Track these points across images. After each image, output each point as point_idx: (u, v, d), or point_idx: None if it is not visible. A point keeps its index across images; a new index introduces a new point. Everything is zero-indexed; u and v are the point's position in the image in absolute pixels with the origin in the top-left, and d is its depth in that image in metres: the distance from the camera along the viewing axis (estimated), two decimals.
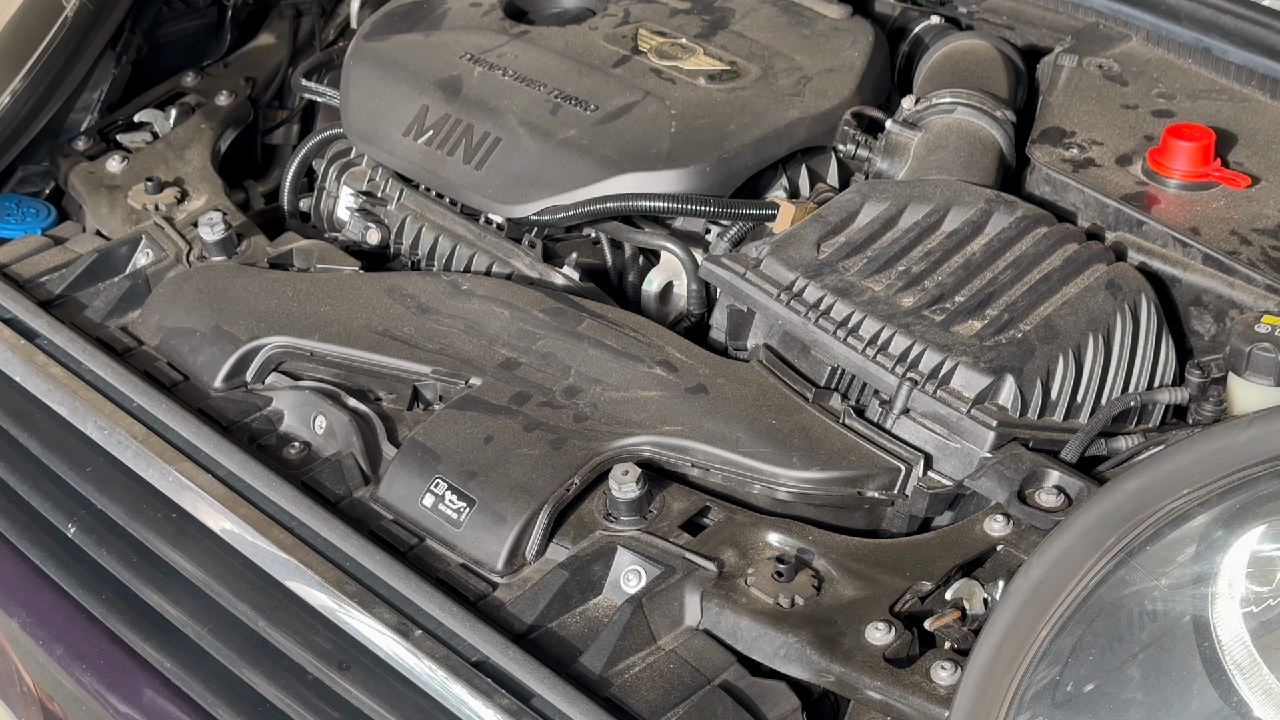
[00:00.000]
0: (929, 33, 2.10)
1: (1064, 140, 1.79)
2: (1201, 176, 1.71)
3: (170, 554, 1.57)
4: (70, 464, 1.66)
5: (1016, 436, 1.50)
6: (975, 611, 1.38)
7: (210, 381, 1.69)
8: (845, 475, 1.50)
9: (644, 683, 1.37)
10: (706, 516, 1.50)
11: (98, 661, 1.61)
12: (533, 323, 1.68)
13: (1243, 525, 1.21)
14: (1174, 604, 1.24)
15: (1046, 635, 1.17)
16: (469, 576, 1.47)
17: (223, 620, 1.52)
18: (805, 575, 1.42)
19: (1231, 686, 1.23)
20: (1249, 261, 1.61)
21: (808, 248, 1.66)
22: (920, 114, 1.87)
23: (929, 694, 1.29)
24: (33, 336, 1.75)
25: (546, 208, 1.83)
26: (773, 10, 2.09)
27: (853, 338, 1.57)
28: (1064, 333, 1.55)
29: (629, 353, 1.63)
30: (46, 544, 1.67)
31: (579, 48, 2.00)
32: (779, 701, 1.36)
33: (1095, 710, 1.23)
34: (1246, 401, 1.50)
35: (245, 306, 1.72)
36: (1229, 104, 1.85)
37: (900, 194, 1.72)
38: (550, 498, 1.48)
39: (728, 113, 1.88)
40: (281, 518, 1.53)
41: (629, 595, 1.42)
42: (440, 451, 1.54)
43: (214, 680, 1.52)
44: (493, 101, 1.92)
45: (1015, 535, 1.43)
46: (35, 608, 1.68)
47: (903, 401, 1.53)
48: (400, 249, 1.93)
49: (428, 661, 1.39)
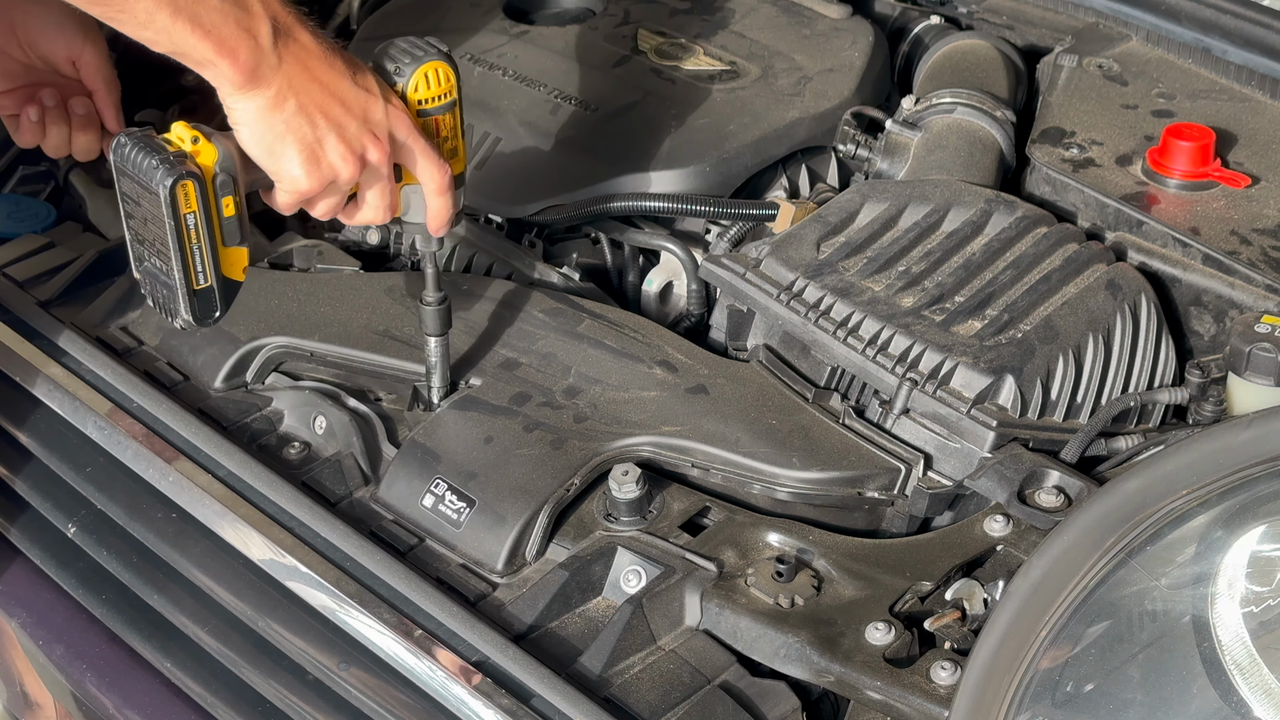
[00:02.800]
0: (929, 33, 2.10)
1: (1064, 140, 1.79)
2: (1201, 176, 1.71)
3: (170, 554, 1.57)
4: (70, 464, 1.66)
5: (1016, 436, 1.50)
6: (975, 611, 1.38)
7: (210, 381, 1.69)
8: (845, 475, 1.50)
9: (644, 683, 1.37)
10: (706, 517, 1.50)
11: (98, 661, 1.61)
12: (533, 323, 1.68)
13: (1242, 525, 1.21)
14: (1174, 604, 1.24)
15: (1046, 635, 1.17)
16: (469, 577, 1.47)
17: (223, 620, 1.52)
18: (805, 575, 1.42)
19: (1231, 686, 1.23)
20: (1249, 261, 1.61)
21: (808, 248, 1.66)
22: (920, 114, 1.87)
23: (929, 694, 1.29)
24: (33, 336, 1.75)
25: (546, 208, 1.83)
26: (773, 10, 2.09)
27: (853, 338, 1.57)
28: (1064, 333, 1.55)
29: (629, 353, 1.63)
30: (46, 544, 1.67)
31: (579, 48, 2.00)
32: (779, 701, 1.36)
33: (1095, 710, 1.23)
34: (1246, 401, 1.50)
35: (245, 306, 1.72)
36: (1229, 104, 1.85)
37: (900, 194, 1.72)
38: (550, 498, 1.48)
39: (728, 113, 1.88)
40: (281, 518, 1.53)
41: (629, 595, 1.42)
42: (440, 452, 1.54)
43: (214, 680, 1.52)
44: (493, 101, 1.92)
45: (1015, 535, 1.43)
46: (35, 608, 1.68)
47: (903, 401, 1.53)
48: (400, 249, 1.93)
49: (428, 661, 1.39)
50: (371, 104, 1.41)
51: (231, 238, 1.43)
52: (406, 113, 1.45)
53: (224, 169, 1.40)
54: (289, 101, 1.37)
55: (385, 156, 1.43)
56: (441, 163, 1.48)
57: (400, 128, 1.44)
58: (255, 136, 1.39)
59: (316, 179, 1.41)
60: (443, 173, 1.48)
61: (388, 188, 1.47)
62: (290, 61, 1.36)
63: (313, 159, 1.40)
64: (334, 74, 1.39)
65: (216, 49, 1.31)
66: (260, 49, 1.33)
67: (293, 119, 1.37)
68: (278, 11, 1.35)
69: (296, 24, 1.37)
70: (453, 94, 1.49)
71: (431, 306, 1.57)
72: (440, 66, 1.48)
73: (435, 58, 1.48)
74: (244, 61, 1.33)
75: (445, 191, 1.49)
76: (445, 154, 1.50)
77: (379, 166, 1.44)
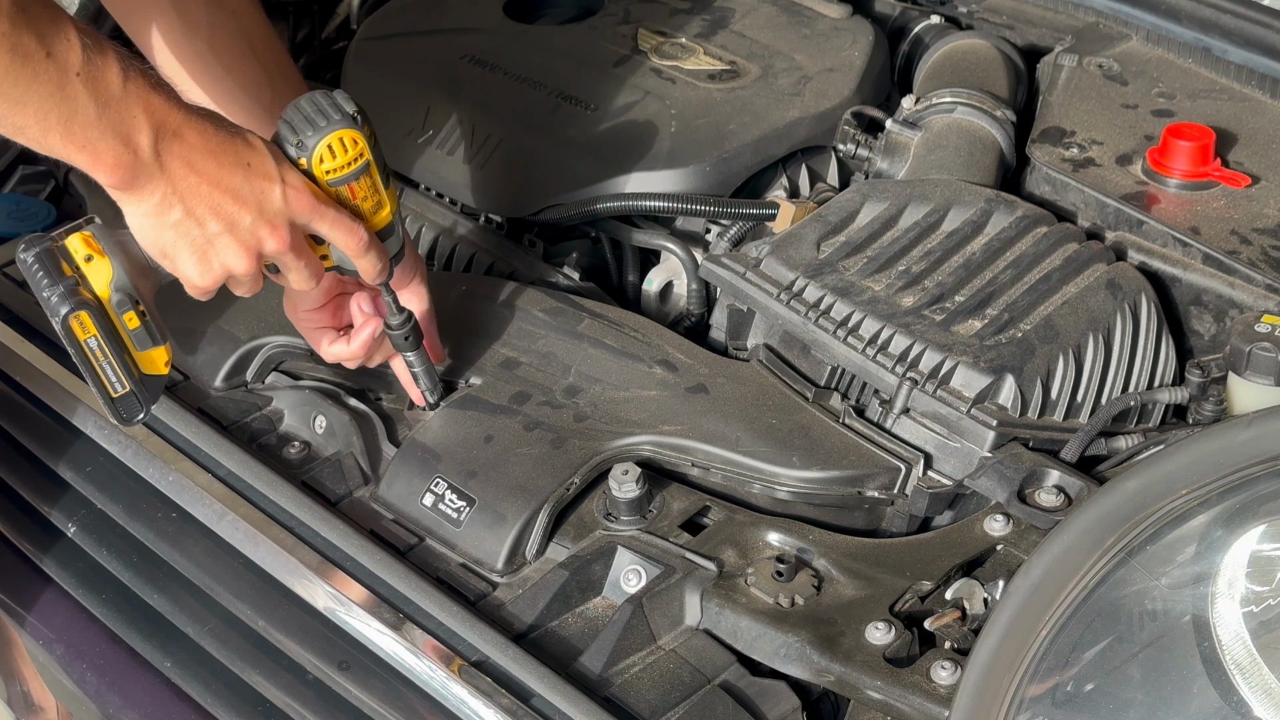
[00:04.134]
0: (929, 32, 2.10)
1: (1064, 140, 1.79)
2: (1201, 176, 1.71)
3: (170, 554, 1.57)
4: (70, 464, 1.66)
5: (1016, 436, 1.50)
6: (975, 611, 1.38)
7: (210, 381, 1.69)
8: (845, 475, 1.50)
9: (644, 682, 1.37)
10: (706, 516, 1.50)
11: (98, 661, 1.61)
12: (533, 322, 1.68)
13: (1242, 525, 1.21)
14: (1174, 604, 1.24)
15: (1046, 635, 1.17)
16: (469, 576, 1.47)
17: (223, 620, 1.53)
18: (805, 575, 1.42)
19: (1231, 686, 1.23)
20: (1249, 261, 1.61)
21: (808, 247, 1.66)
22: (920, 113, 1.87)
23: (929, 694, 1.29)
24: (32, 336, 1.75)
25: (546, 208, 1.83)
26: (773, 10, 2.09)
27: (853, 337, 1.57)
28: (1064, 332, 1.55)
29: (629, 352, 1.63)
30: (46, 544, 1.67)
31: (579, 48, 2.00)
32: (779, 701, 1.36)
33: (1095, 710, 1.23)
34: (1246, 401, 1.50)
35: (245, 306, 1.72)
36: (1229, 104, 1.85)
37: (900, 193, 1.72)
38: (550, 497, 1.48)
39: (728, 112, 1.88)
40: (281, 518, 1.53)
41: (629, 595, 1.42)
42: (440, 451, 1.54)
43: (214, 680, 1.52)
44: (493, 101, 1.92)
45: (1015, 535, 1.43)
46: (35, 608, 1.68)
47: (903, 401, 1.53)
48: None
49: (428, 661, 1.39)
50: (266, 194, 1.36)
51: (143, 343, 1.39)
52: (307, 190, 1.38)
53: (119, 288, 1.36)
54: (175, 207, 1.32)
55: (284, 244, 1.38)
56: (354, 226, 1.41)
57: (300, 209, 1.38)
58: (146, 240, 1.36)
59: (211, 278, 1.38)
60: (357, 238, 1.42)
61: (302, 261, 1.41)
62: (175, 164, 1.31)
63: (204, 260, 1.36)
64: (224, 170, 1.33)
65: (92, 161, 1.27)
66: (139, 159, 1.29)
67: (181, 222, 1.34)
68: (165, 115, 1.30)
69: (186, 123, 1.32)
70: (364, 156, 1.41)
71: (395, 330, 1.53)
72: (346, 135, 1.39)
73: (340, 126, 1.39)
74: (123, 171, 1.29)
75: (364, 252, 1.43)
76: (367, 213, 1.44)
77: (279, 255, 1.39)
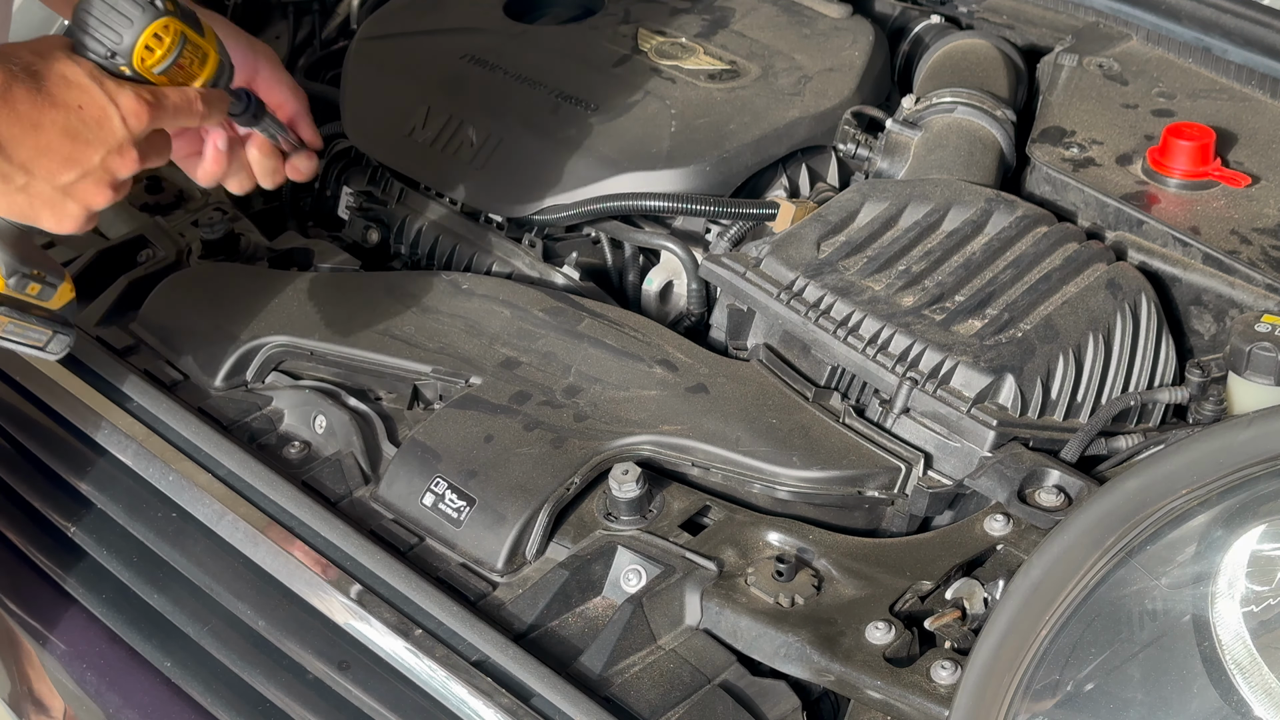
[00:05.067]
0: (929, 32, 2.10)
1: (1064, 140, 1.79)
2: (1201, 176, 1.71)
3: (170, 554, 1.57)
4: (70, 464, 1.66)
5: (1016, 436, 1.50)
6: (975, 611, 1.38)
7: (210, 381, 1.69)
8: (845, 475, 1.50)
9: (644, 682, 1.37)
10: (706, 516, 1.50)
11: (98, 661, 1.61)
12: (533, 322, 1.68)
13: (1243, 525, 1.21)
14: (1174, 603, 1.24)
15: (1046, 635, 1.17)
16: (469, 576, 1.47)
17: (223, 620, 1.52)
18: (805, 575, 1.42)
19: (1231, 686, 1.23)
20: (1249, 261, 1.61)
21: (808, 247, 1.66)
22: (920, 113, 1.87)
23: (929, 693, 1.29)
24: None
25: (546, 208, 1.83)
26: (773, 10, 2.09)
27: (853, 337, 1.57)
28: (1064, 332, 1.55)
29: (629, 352, 1.63)
30: (46, 544, 1.67)
31: (579, 47, 2.00)
32: (779, 701, 1.36)
33: (1095, 710, 1.23)
34: (1246, 401, 1.50)
35: (245, 306, 1.72)
36: (1229, 103, 1.85)
37: (900, 193, 1.72)
38: (550, 497, 1.48)
39: (728, 112, 1.88)
40: (281, 518, 1.53)
41: (629, 595, 1.42)
42: (440, 451, 1.54)
43: (214, 680, 1.52)
44: (493, 101, 1.92)
45: (1015, 535, 1.43)
46: (35, 608, 1.68)
47: (903, 401, 1.53)
48: (400, 249, 1.93)
49: (428, 661, 1.39)
50: (105, 128, 1.34)
51: (49, 295, 1.44)
52: (141, 100, 1.34)
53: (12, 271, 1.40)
54: (16, 174, 1.32)
55: (136, 162, 1.36)
56: (190, 102, 1.39)
57: (141, 125, 1.35)
58: (5, 212, 1.36)
59: (76, 223, 1.37)
60: (195, 111, 1.39)
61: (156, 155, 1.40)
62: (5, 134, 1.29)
63: (64, 211, 1.36)
64: (59, 122, 1.31)
65: None
66: None
67: (29, 185, 1.33)
68: None
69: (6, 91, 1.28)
70: (178, 32, 1.36)
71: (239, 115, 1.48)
72: (156, 25, 1.34)
73: (147, 20, 1.33)
74: None
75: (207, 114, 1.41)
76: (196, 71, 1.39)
77: (137, 169, 1.37)
